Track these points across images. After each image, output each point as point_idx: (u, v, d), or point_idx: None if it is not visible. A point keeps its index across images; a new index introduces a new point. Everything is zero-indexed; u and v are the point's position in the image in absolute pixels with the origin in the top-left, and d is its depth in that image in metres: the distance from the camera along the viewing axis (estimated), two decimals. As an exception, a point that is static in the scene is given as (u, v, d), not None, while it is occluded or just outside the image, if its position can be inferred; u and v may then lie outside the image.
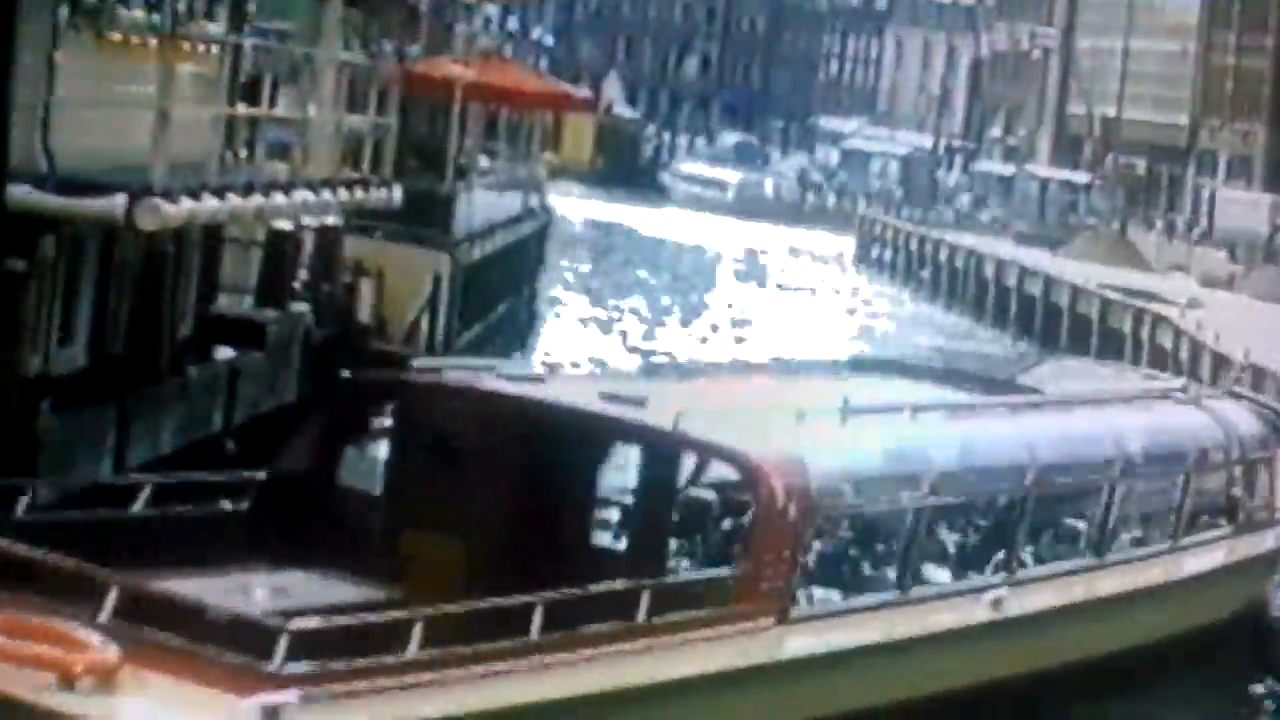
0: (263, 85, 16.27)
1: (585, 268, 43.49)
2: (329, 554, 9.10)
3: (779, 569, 9.04)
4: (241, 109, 15.01)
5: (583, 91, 44.16)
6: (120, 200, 11.30)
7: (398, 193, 16.97)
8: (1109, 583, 11.41)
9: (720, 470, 10.27)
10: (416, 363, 10.17)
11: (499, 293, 26.39)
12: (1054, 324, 35.42)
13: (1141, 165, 56.96)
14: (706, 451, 9.54)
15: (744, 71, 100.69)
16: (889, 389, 11.55)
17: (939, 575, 10.51)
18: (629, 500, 10.27)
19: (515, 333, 27.70)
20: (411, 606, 7.95)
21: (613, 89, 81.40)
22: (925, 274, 46.81)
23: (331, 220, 17.42)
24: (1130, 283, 35.33)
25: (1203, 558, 12.41)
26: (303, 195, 14.44)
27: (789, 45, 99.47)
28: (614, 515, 10.52)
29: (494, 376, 9.97)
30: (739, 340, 32.37)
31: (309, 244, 17.64)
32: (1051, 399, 12.27)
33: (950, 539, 10.78)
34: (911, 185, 66.76)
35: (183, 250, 14.33)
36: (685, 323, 35.29)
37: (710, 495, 10.51)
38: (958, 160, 70.44)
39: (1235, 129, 52.33)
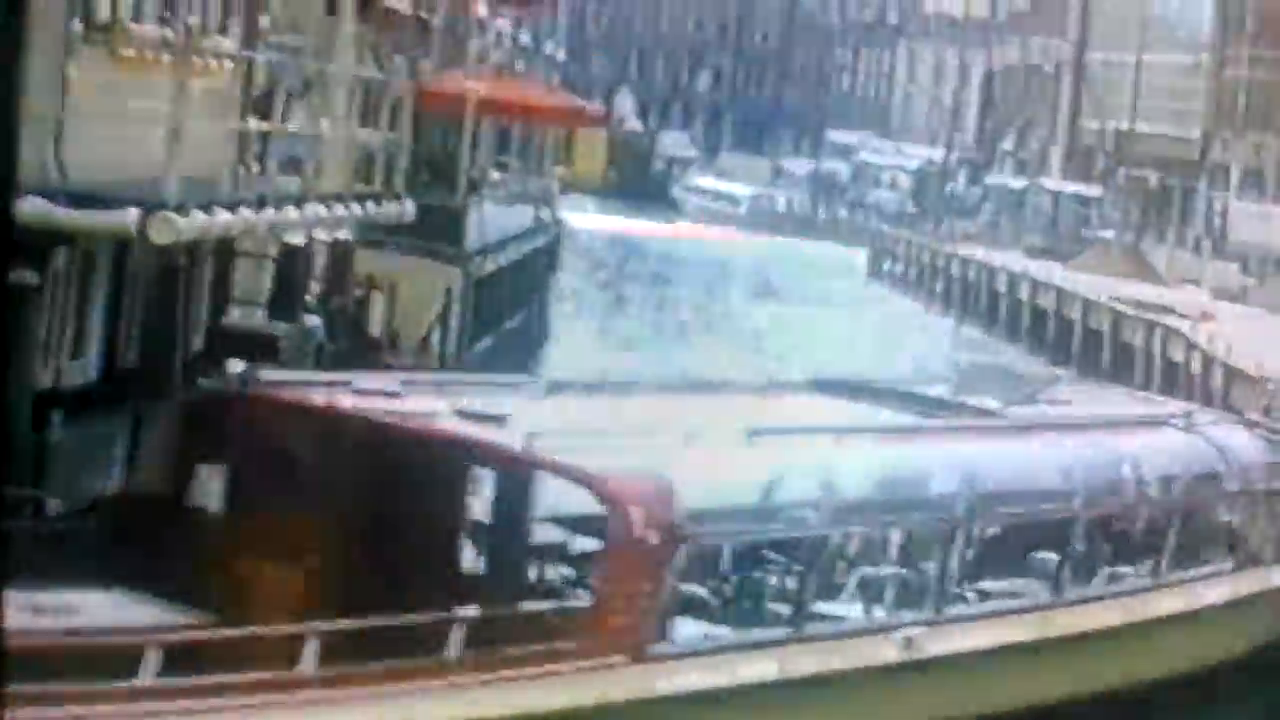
0: (275, 100, 16.33)
1: (597, 281, 43.49)
2: (166, 576, 8.57)
3: (634, 602, 8.32)
4: (254, 123, 15.05)
5: (595, 106, 44.21)
6: (133, 214, 11.34)
7: (410, 206, 17.02)
8: (1064, 621, 10.59)
9: None
10: (263, 375, 9.58)
11: (510, 305, 26.42)
12: (1066, 337, 35.37)
13: (1154, 178, 56.89)
14: (558, 474, 8.82)
15: (756, 86, 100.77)
16: (830, 411, 10.91)
17: (852, 611, 9.81)
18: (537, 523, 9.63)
19: (527, 345, 27.72)
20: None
21: (625, 103, 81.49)
22: (938, 287, 46.79)
23: (344, 234, 17.47)
24: (1142, 296, 35.27)
25: (1191, 596, 11.62)
26: (315, 209, 14.48)
27: (801, 59, 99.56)
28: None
29: (345, 390, 9.26)
30: (754, 355, 32.35)
31: (321, 258, 17.69)
32: (1013, 424, 11.54)
33: (867, 573, 10.06)
34: (923, 198, 66.71)
35: (195, 264, 14.38)
36: (698, 337, 35.28)
37: None
38: (968, 174, 70.38)
39: (1248, 142, 52.24)
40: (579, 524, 9.68)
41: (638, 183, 68.53)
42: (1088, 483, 10.96)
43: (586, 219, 50.38)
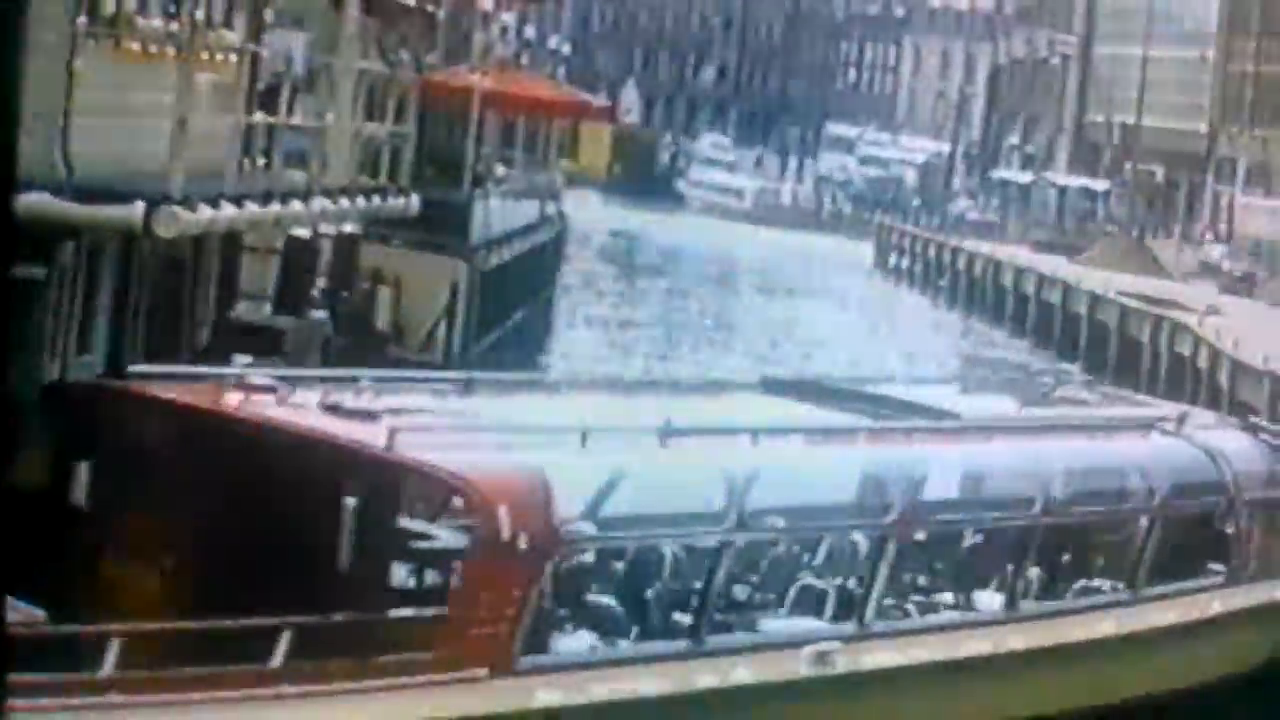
0: (281, 93, 16.32)
1: (602, 275, 43.51)
2: (38, 578, 7.98)
3: (500, 611, 7.67)
4: (260, 117, 15.04)
5: (600, 100, 44.23)
6: (139, 208, 11.34)
7: (415, 200, 17.01)
8: (1019, 638, 9.88)
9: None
10: (132, 369, 9.11)
11: (516, 299, 26.42)
12: (1072, 331, 35.33)
13: (1160, 172, 56.83)
14: (419, 473, 8.15)
15: (761, 80, 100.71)
16: (770, 412, 10.24)
17: (776, 625, 9.14)
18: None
19: (532, 339, 27.72)
20: None
21: (630, 98, 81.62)
22: (943, 281, 46.78)
23: (349, 228, 17.46)
24: (1149, 290, 35.24)
25: (1174, 611, 10.90)
26: (321, 203, 14.48)
27: (806, 53, 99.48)
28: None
29: (223, 385, 8.77)
30: (757, 350, 32.34)
31: (327, 251, 17.68)
32: (971, 427, 10.74)
33: (808, 584, 9.41)
34: (928, 192, 66.65)
35: (201, 258, 14.39)
36: (702, 331, 35.28)
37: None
38: (970, 167, 70.34)
39: (1254, 136, 52.16)
40: None
41: (643, 177, 68.60)
42: (1051, 490, 10.19)
43: (591, 212, 50.37)
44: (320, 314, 16.78)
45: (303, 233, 16.38)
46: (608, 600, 8.80)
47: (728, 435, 9.31)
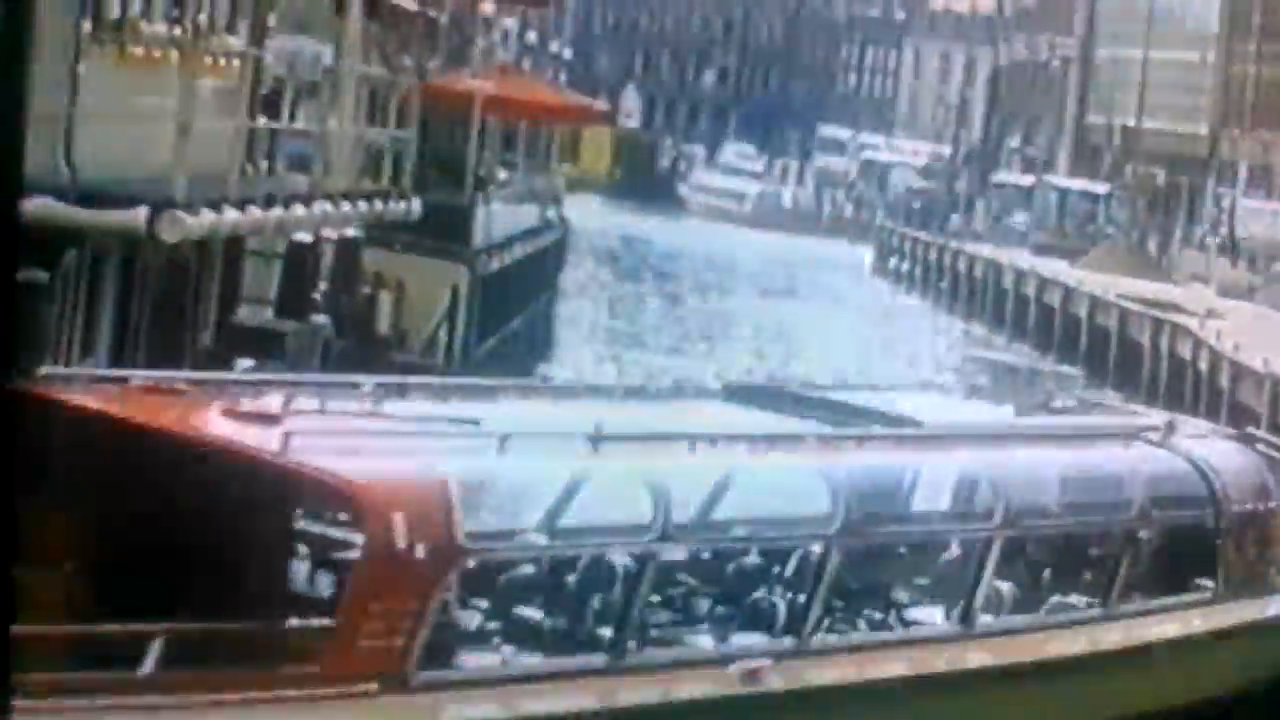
0: (283, 98, 16.38)
1: (602, 279, 43.58)
2: None
3: (393, 623, 7.30)
4: (262, 122, 15.10)
5: (600, 104, 44.34)
6: (142, 212, 11.40)
7: (417, 205, 17.08)
8: (977, 656, 9.45)
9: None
10: (42, 371, 8.88)
11: (517, 304, 26.48)
12: (1073, 335, 35.37)
13: (1161, 175, 56.86)
14: (309, 478, 7.75)
15: (762, 83, 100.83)
16: (723, 419, 9.84)
17: (709, 640, 8.79)
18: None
19: (533, 344, 27.79)
20: None
21: (631, 101, 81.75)
22: (944, 285, 46.83)
23: (351, 232, 17.52)
24: (1149, 293, 35.27)
25: (1155, 627, 10.48)
26: (323, 207, 14.55)
27: (807, 56, 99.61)
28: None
29: (120, 388, 8.46)
30: (759, 353, 32.40)
31: (329, 256, 17.74)
32: (935, 435, 10.13)
33: (759, 599, 9.04)
34: (928, 195, 66.70)
35: (204, 262, 14.46)
36: (702, 336, 35.36)
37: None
38: (975, 170, 70.42)
39: (1256, 138, 52.20)
40: None
41: (644, 180, 68.73)
42: (1012, 502, 9.67)
43: (592, 216, 50.44)
44: (322, 318, 16.84)
45: (305, 237, 16.44)
46: (531, 613, 8.49)
47: (662, 442, 8.84)
